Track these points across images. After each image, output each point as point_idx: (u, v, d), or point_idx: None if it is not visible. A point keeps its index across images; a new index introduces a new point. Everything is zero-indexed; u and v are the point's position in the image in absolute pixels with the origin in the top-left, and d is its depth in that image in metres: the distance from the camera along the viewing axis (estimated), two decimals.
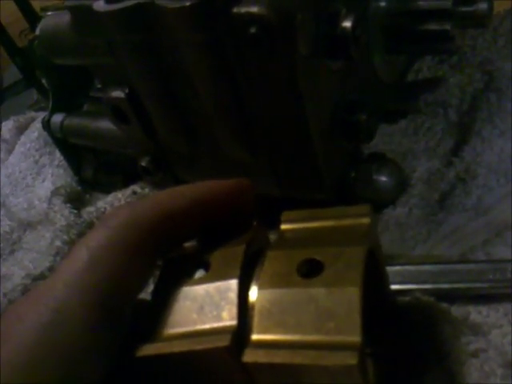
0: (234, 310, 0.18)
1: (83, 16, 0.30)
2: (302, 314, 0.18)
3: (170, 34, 0.26)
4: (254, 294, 0.19)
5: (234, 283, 0.19)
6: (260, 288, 0.19)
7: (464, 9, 0.30)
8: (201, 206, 0.21)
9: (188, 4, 0.24)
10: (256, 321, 0.18)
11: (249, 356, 0.17)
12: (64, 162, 0.50)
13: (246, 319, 0.19)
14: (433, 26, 0.30)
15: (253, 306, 0.19)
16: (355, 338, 0.17)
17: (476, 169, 0.33)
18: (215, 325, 0.18)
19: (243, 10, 0.24)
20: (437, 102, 0.39)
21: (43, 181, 0.53)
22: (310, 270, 0.19)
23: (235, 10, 0.24)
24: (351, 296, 0.18)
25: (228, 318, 0.18)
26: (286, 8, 0.24)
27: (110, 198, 0.44)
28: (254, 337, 0.18)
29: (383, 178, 0.34)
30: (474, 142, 0.35)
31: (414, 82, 0.40)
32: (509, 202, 0.32)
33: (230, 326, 0.18)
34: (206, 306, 0.19)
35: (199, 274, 0.21)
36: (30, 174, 0.55)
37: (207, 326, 0.19)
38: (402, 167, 0.35)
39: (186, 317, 0.19)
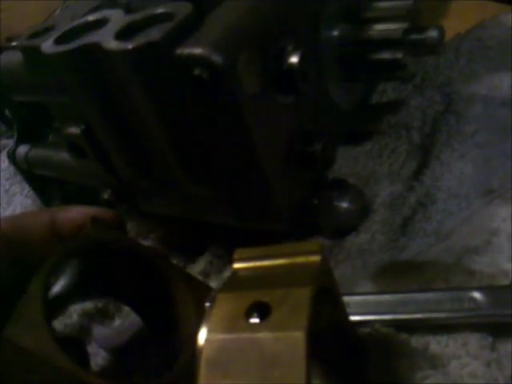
0: None
1: (33, 56, 0.30)
2: (248, 362, 0.18)
3: (117, 75, 0.26)
4: (203, 336, 0.19)
5: None
6: (208, 332, 0.19)
7: (414, 37, 0.30)
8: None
9: (130, 47, 0.24)
10: (203, 370, 0.18)
11: None
12: (32, 192, 0.50)
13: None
14: (385, 55, 0.30)
15: (201, 350, 0.19)
16: None
17: (436, 193, 0.33)
18: None
19: (186, 51, 0.24)
20: (400, 123, 0.39)
21: (13, 211, 0.52)
22: (260, 313, 0.19)
23: (178, 51, 0.24)
24: (296, 341, 0.17)
25: None
26: (229, 48, 0.24)
27: None
28: None
29: (345, 205, 0.34)
30: (434, 165, 0.34)
31: (376, 104, 0.41)
32: (469, 225, 0.31)
33: None
34: None
35: None
36: (0, 204, 0.54)
37: None
38: (363, 193, 0.35)
39: None
